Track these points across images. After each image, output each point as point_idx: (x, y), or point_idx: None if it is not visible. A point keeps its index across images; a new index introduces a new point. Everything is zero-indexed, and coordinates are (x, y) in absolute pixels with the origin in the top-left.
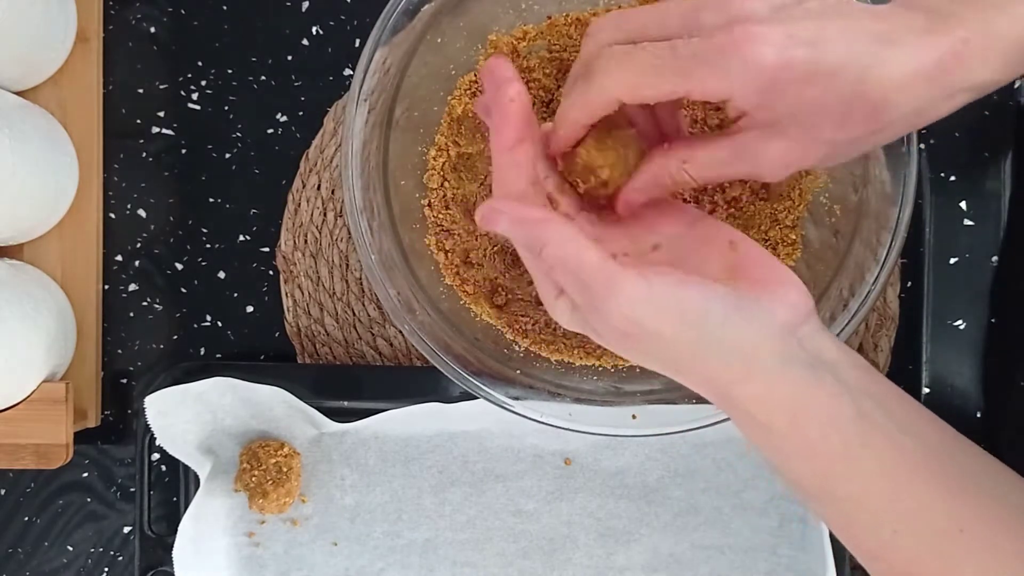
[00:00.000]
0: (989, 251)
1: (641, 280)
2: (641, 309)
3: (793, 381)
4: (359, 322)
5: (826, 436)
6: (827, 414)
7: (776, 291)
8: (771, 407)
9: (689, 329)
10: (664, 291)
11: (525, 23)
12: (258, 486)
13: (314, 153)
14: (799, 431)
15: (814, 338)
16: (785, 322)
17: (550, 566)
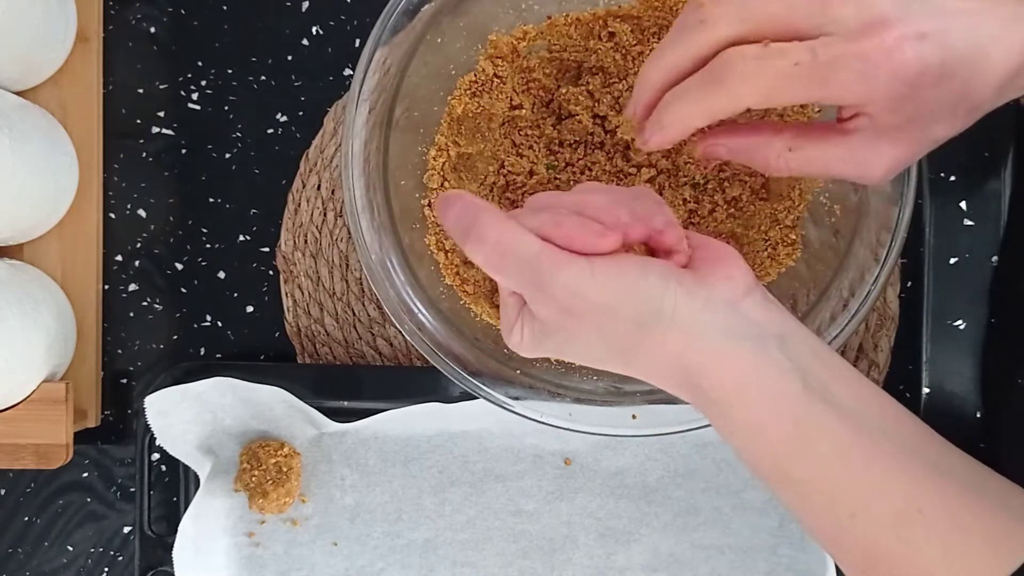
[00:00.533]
0: (989, 251)
1: (583, 260)
2: (585, 281)
3: (738, 353)
4: (359, 322)
5: (776, 415)
6: (775, 391)
7: (714, 267)
8: (720, 381)
9: (631, 303)
10: (605, 267)
11: (525, 23)
12: (258, 486)
13: (314, 153)
14: (748, 409)
15: (758, 309)
16: (727, 295)
17: (550, 566)
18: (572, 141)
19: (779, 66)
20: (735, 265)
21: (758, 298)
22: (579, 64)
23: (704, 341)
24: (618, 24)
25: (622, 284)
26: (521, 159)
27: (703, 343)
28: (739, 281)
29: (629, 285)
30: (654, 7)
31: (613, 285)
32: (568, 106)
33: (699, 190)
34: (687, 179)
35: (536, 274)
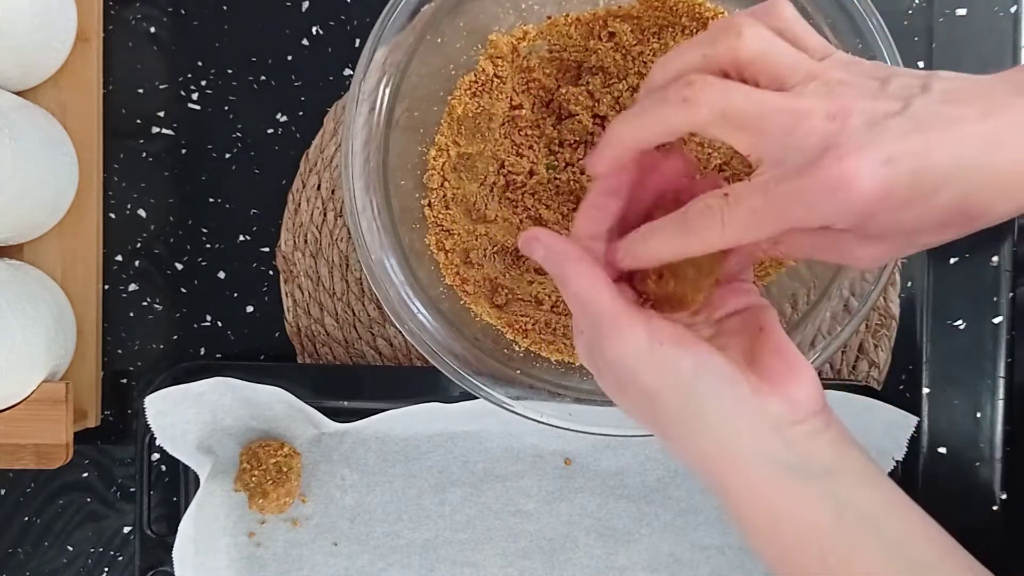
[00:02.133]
0: (989, 251)
1: (644, 330)
2: (636, 358)
3: (772, 480)
4: (359, 322)
5: (802, 544)
6: (805, 521)
7: (783, 383)
8: (751, 504)
9: (677, 395)
10: (663, 348)
11: (525, 23)
12: (258, 486)
13: (314, 153)
14: (776, 534)
15: (809, 439)
16: (779, 417)
17: (550, 566)
18: (572, 141)
19: (739, 216)
20: (804, 386)
21: (817, 426)
22: (579, 64)
23: (739, 459)
24: (618, 24)
25: (674, 378)
26: (521, 159)
27: (738, 461)
28: (801, 406)
29: (679, 376)
30: (654, 7)
31: (663, 372)
32: (568, 106)
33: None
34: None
35: (597, 336)
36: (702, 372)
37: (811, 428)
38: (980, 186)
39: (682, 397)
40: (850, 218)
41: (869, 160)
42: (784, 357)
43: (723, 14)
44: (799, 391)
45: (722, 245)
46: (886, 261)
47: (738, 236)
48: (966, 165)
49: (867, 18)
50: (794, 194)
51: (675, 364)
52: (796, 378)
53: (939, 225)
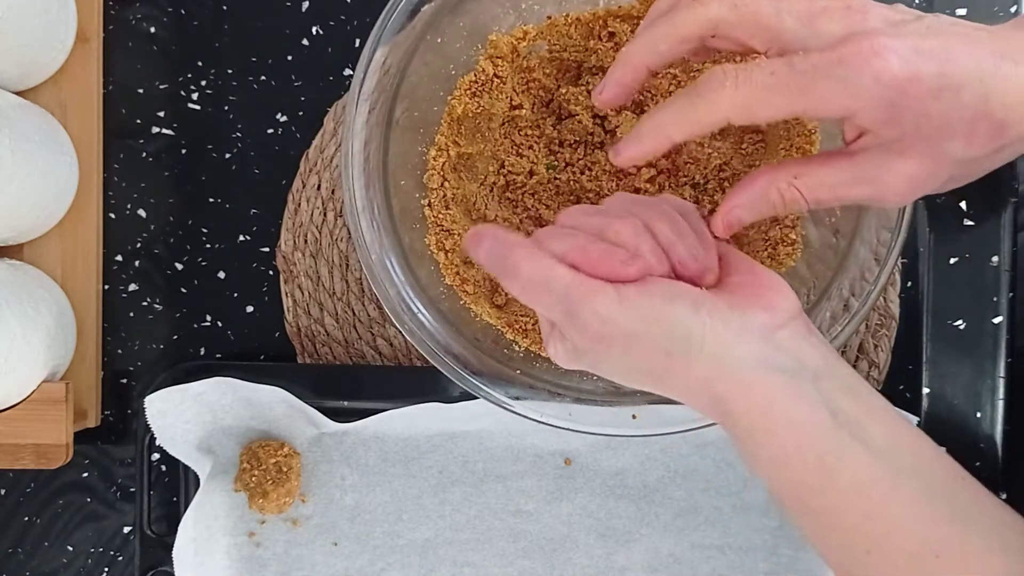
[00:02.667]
0: (989, 251)
1: (611, 288)
2: (611, 308)
3: (768, 385)
4: (359, 322)
5: (800, 447)
6: (802, 423)
7: (758, 294)
8: (748, 409)
9: (659, 327)
10: (633, 295)
11: (525, 23)
12: (258, 486)
13: (314, 153)
14: (774, 438)
15: (795, 341)
16: (762, 324)
17: (550, 566)
18: (572, 141)
19: (756, 77)
20: (779, 295)
21: (798, 328)
22: (579, 64)
23: (733, 372)
24: (618, 24)
25: (650, 313)
26: (521, 159)
27: (732, 374)
28: (780, 311)
29: (657, 314)
30: None
31: (641, 314)
32: (568, 106)
33: (699, 190)
34: (687, 179)
35: (568, 304)
36: (675, 298)
37: (794, 331)
38: (1001, 90)
39: (664, 327)
40: (881, 97)
41: (899, 43)
42: (750, 271)
43: None
44: (775, 298)
45: (731, 111)
46: (919, 189)
47: (748, 100)
48: (986, 68)
49: None
50: (822, 65)
51: (648, 301)
52: (768, 286)
53: (968, 127)
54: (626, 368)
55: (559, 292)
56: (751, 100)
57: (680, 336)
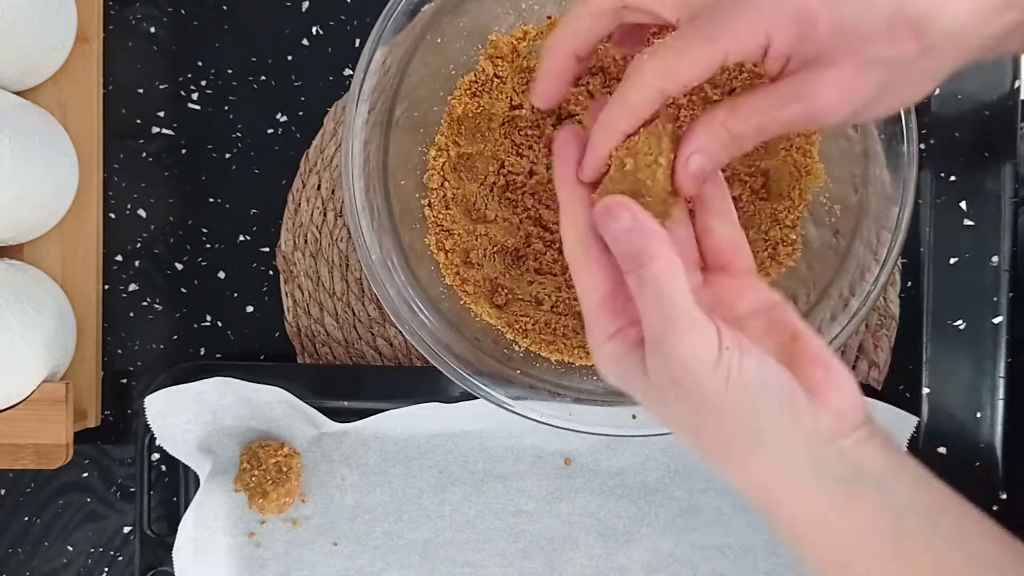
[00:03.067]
0: (989, 251)
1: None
2: (704, 363)
3: (826, 495)
4: (359, 322)
5: (860, 552)
6: (863, 530)
7: (827, 395)
8: (802, 521)
9: (738, 408)
10: (731, 355)
11: (525, 23)
12: (258, 486)
13: (314, 153)
14: (831, 547)
15: (858, 449)
16: (829, 431)
17: (550, 566)
18: None
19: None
20: (850, 398)
21: (862, 435)
22: None
23: (793, 478)
24: None
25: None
26: (521, 159)
27: (792, 480)
28: (849, 419)
29: (745, 396)
30: None
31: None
32: (568, 106)
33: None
34: None
35: (665, 328)
36: (766, 385)
37: (859, 438)
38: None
39: (741, 413)
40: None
41: None
42: (824, 365)
43: None
44: (843, 401)
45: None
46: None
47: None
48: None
49: None
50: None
51: (740, 374)
52: (838, 388)
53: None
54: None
55: (668, 310)
56: (670, 63)
57: (755, 427)
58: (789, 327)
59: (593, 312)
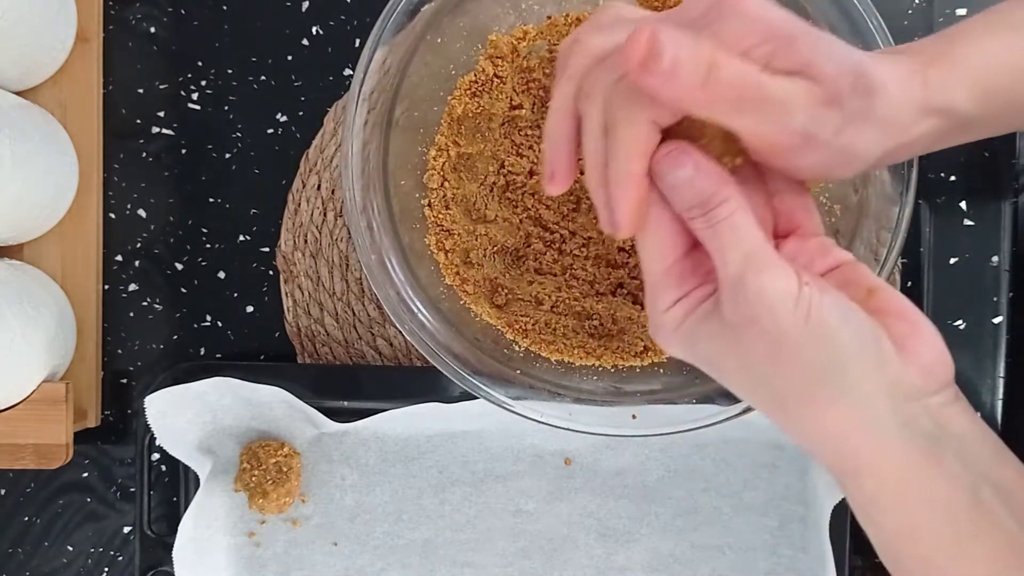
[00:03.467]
0: (989, 251)
1: (794, 271)
2: (784, 299)
3: (908, 451)
4: (359, 322)
5: (934, 522)
6: (940, 498)
7: (916, 351)
8: (881, 476)
9: (817, 348)
10: (812, 291)
11: (525, 23)
12: (258, 486)
13: (314, 153)
14: (907, 511)
15: (944, 409)
16: (915, 385)
17: (550, 566)
18: None
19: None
20: (937, 354)
21: (950, 395)
22: None
23: (873, 428)
24: None
25: (821, 325)
26: (521, 159)
27: (872, 430)
28: (938, 376)
29: (828, 330)
30: (654, 7)
31: (810, 320)
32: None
33: None
34: None
35: (745, 264)
36: (849, 325)
37: (946, 397)
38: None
39: (823, 351)
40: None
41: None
42: (908, 319)
43: None
44: (931, 356)
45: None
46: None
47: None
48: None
49: (867, 18)
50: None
51: (822, 312)
52: (925, 342)
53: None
54: (754, 375)
55: (748, 248)
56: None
57: (838, 366)
58: (864, 282)
59: (658, 280)
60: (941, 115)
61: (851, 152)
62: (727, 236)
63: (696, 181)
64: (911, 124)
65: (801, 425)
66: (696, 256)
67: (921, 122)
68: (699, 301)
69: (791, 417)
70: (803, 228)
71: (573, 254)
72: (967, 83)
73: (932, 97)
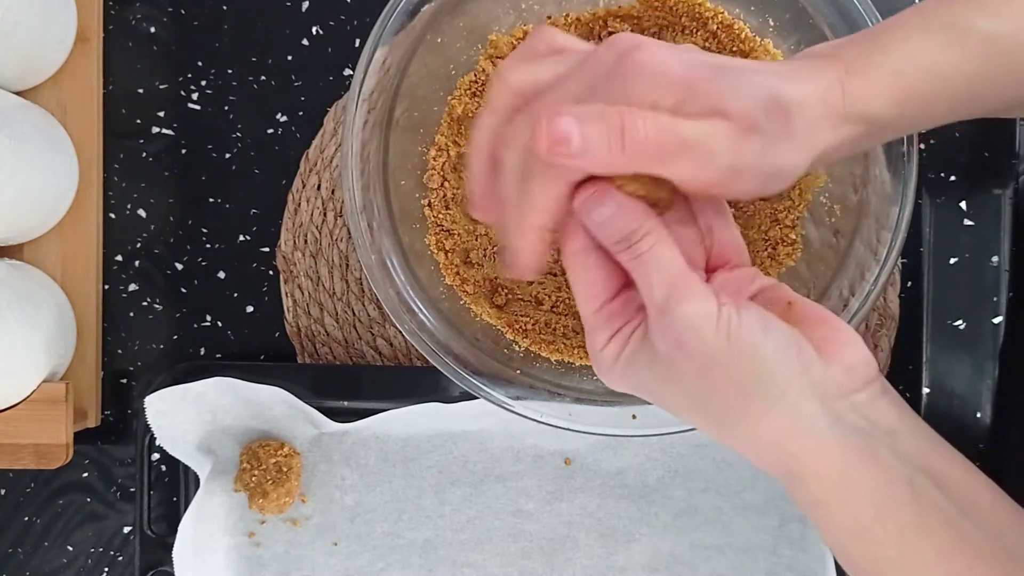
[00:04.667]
0: (989, 251)
1: (713, 298)
2: (706, 320)
3: (844, 449)
4: (359, 322)
5: (879, 518)
6: (880, 492)
7: (836, 352)
8: (821, 476)
9: (744, 359)
10: (730, 310)
11: (525, 23)
12: (258, 486)
13: (314, 153)
14: (851, 508)
15: (872, 403)
16: (840, 384)
17: (550, 566)
18: None
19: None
20: (858, 354)
21: (875, 390)
22: None
23: (808, 429)
24: (618, 24)
25: (742, 339)
26: None
27: (807, 431)
28: (859, 373)
29: (750, 342)
30: (654, 7)
31: (733, 338)
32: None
33: None
34: None
35: (667, 293)
36: (769, 336)
37: (872, 392)
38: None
39: (748, 364)
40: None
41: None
42: (827, 324)
43: (723, 13)
44: (853, 356)
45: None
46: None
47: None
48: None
49: (867, 18)
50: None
51: (741, 328)
52: (846, 343)
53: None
54: (690, 394)
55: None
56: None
57: (764, 376)
58: (782, 296)
59: (592, 320)
60: (860, 122)
61: (777, 170)
62: (651, 267)
63: (618, 218)
64: (831, 133)
65: (742, 438)
66: (625, 296)
67: (841, 130)
68: (629, 334)
69: (731, 432)
70: (732, 262)
71: None
72: (885, 90)
73: (852, 106)
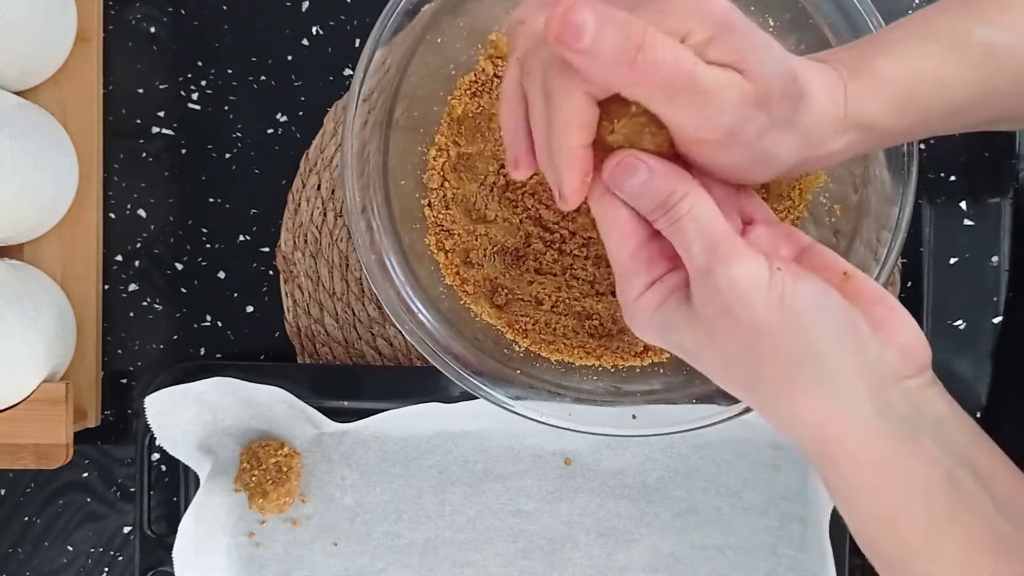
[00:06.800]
0: (989, 251)
1: (764, 257)
2: (755, 286)
3: (885, 436)
4: (359, 322)
5: (910, 505)
6: (917, 480)
7: (893, 332)
8: (858, 461)
9: (793, 333)
10: (784, 276)
11: None
12: (258, 486)
13: (314, 153)
14: (884, 494)
15: (922, 391)
16: (894, 368)
17: (550, 566)
18: None
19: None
20: (916, 336)
21: (928, 378)
22: None
23: (852, 413)
24: None
25: (796, 312)
26: None
27: (850, 415)
28: (915, 358)
29: (804, 318)
30: None
31: (785, 308)
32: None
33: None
34: None
35: (713, 256)
36: (824, 310)
37: (924, 380)
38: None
39: (798, 340)
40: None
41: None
42: (886, 303)
43: None
44: (909, 337)
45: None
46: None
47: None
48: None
49: (867, 18)
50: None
51: (795, 297)
52: (905, 326)
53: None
54: (730, 364)
55: (712, 240)
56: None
57: (816, 355)
58: (838, 267)
59: (626, 266)
60: (859, 129)
61: (769, 156)
62: (691, 230)
63: (652, 183)
64: (829, 137)
65: (778, 412)
66: (663, 240)
67: (839, 136)
68: (672, 289)
69: (768, 404)
70: (756, 218)
71: (573, 254)
72: (885, 97)
73: (852, 112)
